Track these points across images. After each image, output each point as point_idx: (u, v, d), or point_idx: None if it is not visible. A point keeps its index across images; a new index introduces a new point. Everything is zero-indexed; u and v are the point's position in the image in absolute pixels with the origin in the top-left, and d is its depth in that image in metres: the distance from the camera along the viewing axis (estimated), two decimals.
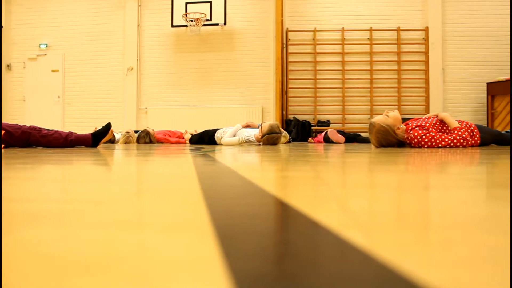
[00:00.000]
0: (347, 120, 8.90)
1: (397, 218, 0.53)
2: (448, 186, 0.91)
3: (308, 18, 9.04)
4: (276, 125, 4.96)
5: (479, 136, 3.90)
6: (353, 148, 3.88)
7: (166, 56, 9.20)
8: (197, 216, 0.54)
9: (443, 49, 8.89)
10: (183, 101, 9.09)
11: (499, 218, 0.53)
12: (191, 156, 2.41)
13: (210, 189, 0.83)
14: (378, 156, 2.36)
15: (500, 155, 2.29)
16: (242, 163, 1.92)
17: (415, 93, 8.95)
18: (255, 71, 9.00)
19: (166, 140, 6.53)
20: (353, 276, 0.30)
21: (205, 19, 8.59)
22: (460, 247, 0.38)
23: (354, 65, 8.95)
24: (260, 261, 0.34)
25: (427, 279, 0.30)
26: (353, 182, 1.02)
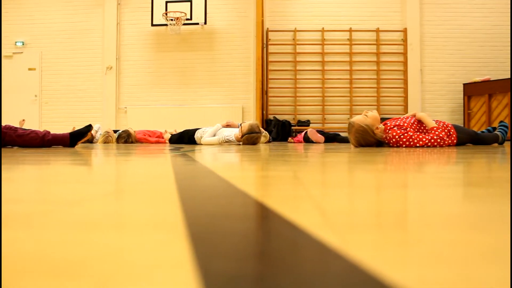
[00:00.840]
0: (327, 120, 8.95)
1: (371, 218, 0.53)
2: (424, 185, 0.93)
3: (288, 18, 9.07)
4: (256, 125, 4.96)
5: (455, 136, 3.96)
6: (332, 147, 3.90)
7: (146, 55, 9.13)
8: (170, 216, 0.53)
9: (421, 50, 9.01)
10: (163, 101, 9.03)
11: (473, 217, 0.54)
12: (169, 156, 2.39)
13: (186, 189, 0.83)
14: (357, 155, 2.38)
15: (475, 155, 2.33)
16: (221, 163, 1.91)
17: (394, 93, 9.05)
18: (236, 71, 8.99)
19: (146, 140, 6.48)
20: (322, 275, 0.31)
21: (186, 18, 8.55)
22: (432, 246, 0.39)
23: (334, 65, 9.01)
24: (230, 261, 0.34)
25: (395, 278, 0.30)
26: (330, 181, 1.02)
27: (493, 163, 1.75)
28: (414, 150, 3.06)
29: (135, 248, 0.38)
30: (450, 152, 2.67)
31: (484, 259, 0.35)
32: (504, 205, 0.63)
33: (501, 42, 9.03)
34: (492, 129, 4.65)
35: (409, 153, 2.50)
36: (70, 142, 3.99)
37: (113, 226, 0.48)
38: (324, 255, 0.36)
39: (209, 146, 4.70)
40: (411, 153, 2.51)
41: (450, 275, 0.31)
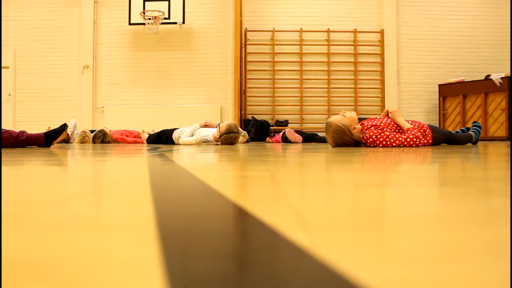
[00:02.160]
0: (305, 120, 9.00)
1: (345, 217, 0.53)
2: (399, 185, 0.94)
3: (266, 18, 9.09)
4: (234, 125, 4.96)
5: (431, 136, 4.02)
6: (310, 147, 3.92)
7: (123, 54, 9.03)
8: (142, 216, 0.53)
9: (398, 51, 9.13)
10: (140, 100, 8.95)
11: (446, 216, 0.54)
12: (146, 156, 2.37)
13: (160, 190, 0.82)
14: (334, 155, 2.39)
15: (450, 154, 2.37)
16: (197, 163, 1.91)
17: (371, 93, 9.15)
18: (214, 71, 8.97)
19: (123, 140, 6.41)
20: (292, 275, 0.30)
21: (163, 18, 8.49)
22: (404, 245, 0.39)
23: (312, 66, 9.06)
24: (199, 261, 0.33)
25: (364, 278, 0.30)
26: (306, 181, 1.03)
27: (467, 162, 1.78)
28: (391, 150, 3.10)
29: (103, 249, 0.38)
30: (425, 152, 2.71)
31: (455, 257, 0.35)
32: (477, 204, 0.64)
33: (474, 44, 9.22)
34: (466, 129, 4.74)
35: (385, 153, 2.53)
36: (45, 142, 3.92)
37: (84, 227, 0.47)
38: (294, 255, 0.36)
39: (187, 146, 4.67)
40: (387, 153, 2.54)
41: (419, 275, 0.31)
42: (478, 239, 0.41)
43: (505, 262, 0.34)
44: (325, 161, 1.95)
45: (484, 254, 0.36)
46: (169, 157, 2.19)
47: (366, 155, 2.36)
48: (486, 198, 0.71)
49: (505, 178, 1.11)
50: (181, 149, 3.53)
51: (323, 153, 2.72)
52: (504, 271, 0.32)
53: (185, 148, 3.81)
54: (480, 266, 0.33)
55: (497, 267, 0.33)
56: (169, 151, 3.04)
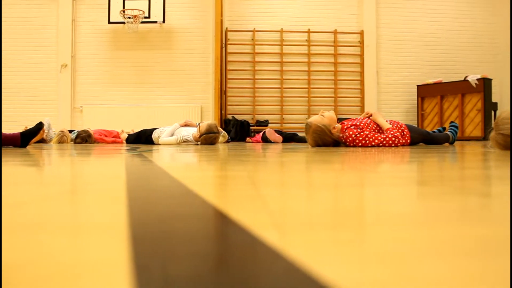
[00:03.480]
0: (285, 120, 9.03)
1: (319, 217, 0.54)
2: (375, 184, 0.94)
3: (247, 18, 9.09)
4: (214, 125, 4.95)
5: (409, 135, 4.08)
6: (290, 147, 3.94)
7: (102, 53, 8.92)
8: (115, 217, 0.52)
9: (377, 52, 9.22)
10: (120, 100, 8.86)
11: (421, 215, 0.55)
12: (125, 156, 2.35)
13: (136, 190, 0.81)
14: (313, 155, 2.41)
15: (427, 154, 2.40)
16: (176, 163, 1.89)
17: (351, 94, 9.22)
18: (194, 70, 8.93)
19: (102, 140, 6.35)
20: (261, 275, 0.30)
21: (144, 16, 8.42)
22: (377, 244, 0.39)
23: (292, 66, 9.09)
24: (168, 262, 0.33)
25: (333, 278, 0.30)
26: (283, 181, 1.03)
27: (443, 162, 1.81)
28: (370, 149, 3.13)
29: (73, 250, 0.37)
30: (403, 151, 2.74)
31: (428, 256, 0.35)
32: (453, 203, 0.65)
33: (451, 46, 9.37)
34: (442, 129, 4.82)
35: (364, 153, 2.55)
36: (21, 142, 3.86)
37: (56, 228, 0.47)
38: (266, 255, 0.36)
39: (167, 146, 4.64)
40: (366, 153, 2.56)
41: (391, 274, 0.31)
42: (452, 237, 0.42)
43: (479, 260, 0.34)
44: (304, 161, 1.96)
45: (459, 252, 0.37)
46: (148, 157, 2.17)
47: (346, 155, 2.38)
48: (462, 197, 0.72)
49: (481, 177, 1.13)
50: (161, 149, 3.51)
51: (302, 153, 2.73)
52: (478, 269, 0.32)
53: (165, 148, 3.79)
54: (454, 264, 0.33)
55: (472, 265, 0.33)
56: (148, 151, 3.01)
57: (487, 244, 0.39)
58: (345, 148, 3.52)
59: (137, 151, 3.04)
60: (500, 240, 0.41)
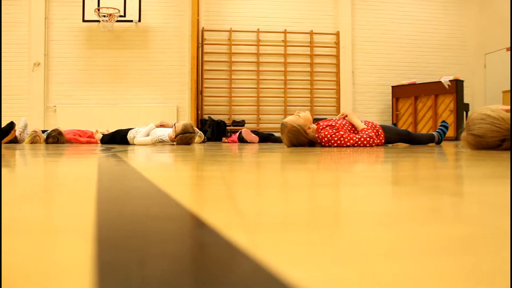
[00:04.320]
0: (262, 120, 9.04)
1: (289, 217, 0.54)
2: (348, 184, 0.95)
3: (224, 18, 9.08)
4: (190, 125, 4.93)
5: (383, 136, 4.12)
6: (266, 147, 3.94)
7: (77, 52, 8.79)
8: (81, 218, 0.51)
9: (353, 53, 9.32)
10: (95, 100, 8.74)
11: (389, 214, 0.55)
12: (98, 157, 2.32)
13: (106, 191, 0.80)
14: (288, 155, 2.41)
15: (400, 154, 2.43)
16: (150, 163, 1.88)
17: (327, 94, 9.29)
18: (170, 70, 8.87)
19: (76, 140, 6.25)
20: (224, 277, 0.30)
21: (119, 15, 8.33)
22: (346, 244, 0.39)
23: (269, 66, 9.12)
24: (132, 264, 0.33)
25: (298, 278, 0.30)
26: (256, 181, 1.03)
27: (416, 162, 1.83)
28: (345, 149, 3.15)
29: (36, 253, 0.36)
30: (378, 151, 2.77)
31: (393, 255, 0.36)
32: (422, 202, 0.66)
33: (425, 48, 9.54)
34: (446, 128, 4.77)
35: (339, 153, 2.57)
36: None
37: (18, 231, 0.46)
38: (232, 256, 0.36)
39: (142, 146, 4.60)
40: (341, 153, 2.58)
41: (358, 273, 0.31)
42: (423, 236, 0.42)
43: (449, 258, 0.35)
44: (279, 161, 1.96)
45: (429, 251, 0.37)
46: (122, 158, 2.14)
47: (320, 155, 2.39)
48: (432, 196, 0.73)
49: (451, 176, 1.15)
50: (136, 150, 3.47)
51: (278, 153, 2.74)
52: (449, 267, 0.32)
53: (140, 148, 3.75)
54: (419, 263, 0.34)
55: (442, 263, 0.33)
56: (123, 152, 2.98)
57: (458, 243, 0.40)
58: (321, 148, 3.55)
59: (111, 152, 3.01)
60: (471, 239, 0.41)
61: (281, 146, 4.10)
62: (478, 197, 0.72)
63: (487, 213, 0.56)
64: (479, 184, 0.95)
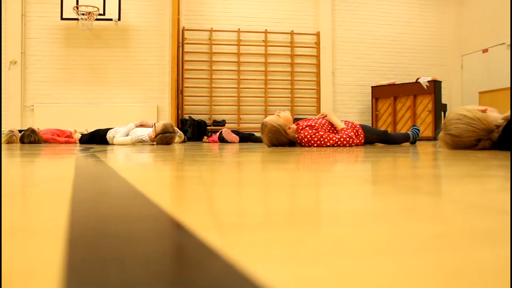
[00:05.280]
0: (242, 120, 9.04)
1: (265, 217, 0.54)
2: (325, 184, 0.96)
3: (204, 17, 9.05)
4: (170, 124, 4.90)
5: (363, 136, 4.16)
6: (246, 147, 3.94)
7: (55, 50, 8.65)
8: (54, 219, 0.51)
9: (333, 53, 9.38)
10: (74, 99, 8.62)
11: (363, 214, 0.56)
12: (76, 157, 2.29)
13: (81, 192, 0.79)
14: (268, 155, 2.42)
15: (379, 154, 2.46)
16: (129, 163, 1.86)
17: (307, 94, 9.33)
18: (151, 69, 8.81)
19: (54, 140, 6.17)
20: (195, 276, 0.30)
21: (98, 13, 8.23)
22: (318, 244, 0.40)
23: (250, 66, 9.12)
24: (103, 265, 0.32)
25: (267, 278, 0.30)
26: (234, 181, 1.03)
27: (394, 161, 1.85)
28: (325, 149, 3.17)
29: (4, 256, 0.36)
30: (357, 151, 2.79)
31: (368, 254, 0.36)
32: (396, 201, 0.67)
33: (404, 49, 9.66)
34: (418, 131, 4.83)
35: (319, 153, 2.59)
36: None
37: None
38: (203, 256, 0.36)
39: (122, 146, 4.56)
40: (321, 153, 2.59)
41: (327, 273, 0.31)
42: (394, 236, 0.43)
43: (417, 257, 0.35)
44: (258, 161, 1.97)
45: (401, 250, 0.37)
46: (100, 158, 2.12)
47: (300, 155, 2.40)
48: (409, 195, 0.74)
49: (428, 176, 1.17)
50: (115, 149, 3.44)
51: (258, 153, 2.74)
52: (415, 267, 0.33)
53: (119, 148, 3.72)
54: (393, 262, 0.34)
55: (410, 262, 0.34)
56: (102, 152, 2.95)
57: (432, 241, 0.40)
58: (300, 148, 3.56)
59: (90, 152, 2.97)
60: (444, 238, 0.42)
61: (261, 146, 4.11)
62: (453, 196, 0.73)
63: (461, 212, 0.57)
64: (454, 183, 0.97)
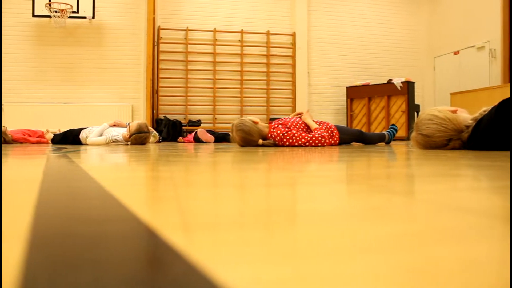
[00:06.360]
0: (218, 120, 9.02)
1: (230, 217, 0.54)
2: (293, 184, 0.96)
3: (180, 17, 8.99)
4: (144, 124, 4.86)
5: (338, 136, 4.20)
6: (221, 147, 3.94)
7: (26, 48, 8.46)
8: (16, 222, 0.50)
9: (309, 54, 9.43)
10: (46, 98, 8.45)
11: (329, 213, 0.56)
12: (47, 157, 2.25)
13: (48, 193, 0.78)
14: (242, 155, 2.42)
15: (352, 153, 2.48)
16: (101, 164, 1.84)
17: (282, 94, 9.37)
18: (125, 69, 8.70)
19: (25, 140, 6.04)
20: (157, 277, 0.30)
21: (72, 11, 8.08)
22: (281, 244, 0.40)
23: (225, 66, 9.10)
24: (61, 267, 0.32)
25: (228, 278, 0.30)
26: (205, 181, 1.02)
27: (366, 161, 1.87)
28: (297, 149, 3.19)
29: None
30: (330, 151, 2.82)
31: (333, 254, 0.36)
32: (363, 201, 0.67)
33: (378, 50, 9.78)
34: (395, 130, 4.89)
35: (293, 152, 2.60)
36: None
37: None
38: (165, 256, 0.35)
39: (95, 146, 4.50)
40: (293, 152, 2.60)
41: (289, 272, 0.31)
42: (359, 235, 0.43)
43: (380, 257, 0.35)
44: (231, 161, 1.97)
45: (361, 249, 0.38)
46: (72, 158, 2.09)
47: (274, 155, 2.41)
48: (377, 195, 0.75)
49: (399, 175, 1.18)
50: (88, 150, 3.39)
51: (231, 152, 2.74)
52: (377, 266, 0.33)
53: (92, 149, 3.67)
54: (354, 261, 0.34)
55: (371, 262, 0.34)
56: (74, 152, 2.90)
57: (396, 240, 0.41)
58: (275, 148, 3.57)
59: (62, 152, 2.93)
60: (410, 236, 0.42)
61: (236, 146, 4.11)
62: (422, 196, 0.74)
63: (429, 211, 0.57)
64: (424, 182, 0.98)
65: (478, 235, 0.43)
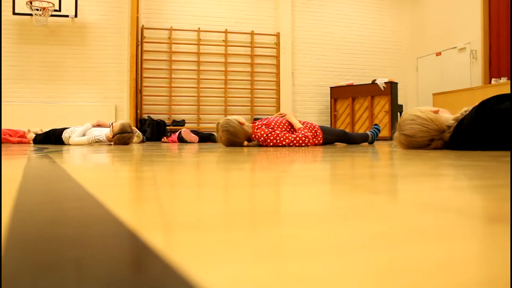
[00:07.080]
0: (202, 120, 8.99)
1: (210, 217, 0.53)
2: (275, 184, 0.96)
3: (164, 16, 8.94)
4: (127, 124, 4.83)
5: (322, 136, 4.21)
6: (205, 147, 3.92)
7: (7, 46, 8.32)
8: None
9: (293, 54, 9.46)
10: (27, 97, 8.33)
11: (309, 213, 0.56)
12: (28, 157, 2.22)
13: (27, 194, 0.77)
14: (226, 155, 2.41)
15: (335, 153, 2.49)
16: (83, 164, 1.82)
17: (267, 94, 9.37)
18: (109, 68, 8.62)
19: (6, 140, 5.96)
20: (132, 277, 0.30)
21: (54, 9, 7.96)
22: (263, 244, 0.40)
23: (209, 66, 9.08)
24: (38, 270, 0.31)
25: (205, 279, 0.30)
26: (188, 182, 1.02)
27: (349, 161, 1.88)
28: (281, 149, 3.19)
29: None
30: (314, 151, 2.83)
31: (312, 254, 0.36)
32: (344, 200, 0.68)
33: (361, 50, 9.85)
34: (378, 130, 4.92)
35: (277, 152, 2.60)
36: None
37: None
38: (144, 257, 0.35)
39: (78, 146, 4.45)
40: (277, 152, 2.61)
41: (268, 273, 0.31)
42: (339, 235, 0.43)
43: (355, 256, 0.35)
44: (215, 161, 1.96)
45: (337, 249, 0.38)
46: (53, 158, 2.06)
47: (258, 155, 2.41)
48: (357, 195, 0.75)
49: (380, 175, 1.19)
50: (71, 150, 3.35)
51: (215, 153, 2.73)
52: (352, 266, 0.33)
53: (75, 149, 3.63)
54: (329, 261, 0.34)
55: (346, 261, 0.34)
56: (56, 152, 2.87)
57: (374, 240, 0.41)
58: (258, 148, 3.57)
59: (43, 152, 2.89)
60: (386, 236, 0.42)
61: (220, 146, 4.10)
62: (403, 195, 0.75)
63: (408, 211, 0.58)
64: (405, 182, 0.99)
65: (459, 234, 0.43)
